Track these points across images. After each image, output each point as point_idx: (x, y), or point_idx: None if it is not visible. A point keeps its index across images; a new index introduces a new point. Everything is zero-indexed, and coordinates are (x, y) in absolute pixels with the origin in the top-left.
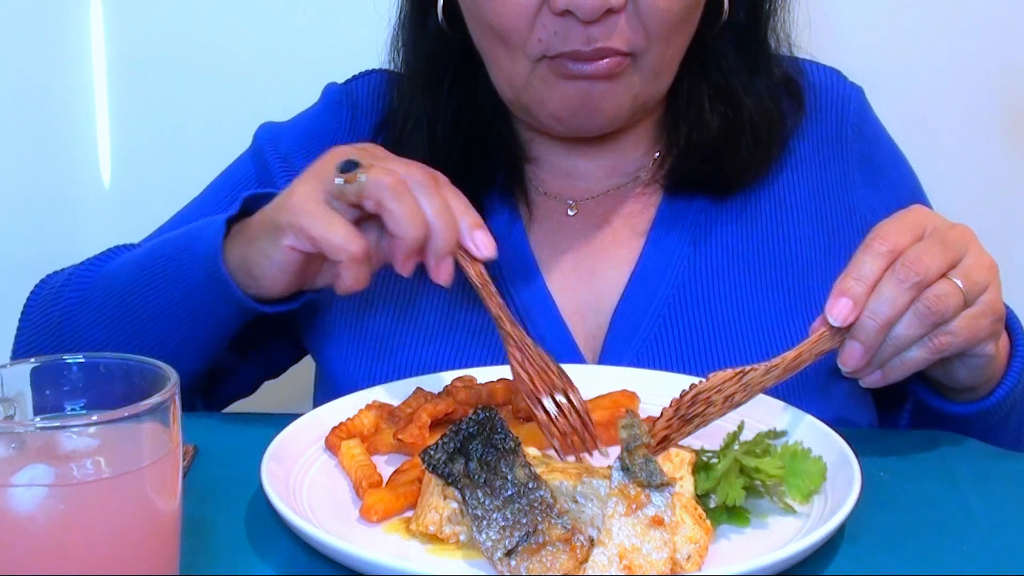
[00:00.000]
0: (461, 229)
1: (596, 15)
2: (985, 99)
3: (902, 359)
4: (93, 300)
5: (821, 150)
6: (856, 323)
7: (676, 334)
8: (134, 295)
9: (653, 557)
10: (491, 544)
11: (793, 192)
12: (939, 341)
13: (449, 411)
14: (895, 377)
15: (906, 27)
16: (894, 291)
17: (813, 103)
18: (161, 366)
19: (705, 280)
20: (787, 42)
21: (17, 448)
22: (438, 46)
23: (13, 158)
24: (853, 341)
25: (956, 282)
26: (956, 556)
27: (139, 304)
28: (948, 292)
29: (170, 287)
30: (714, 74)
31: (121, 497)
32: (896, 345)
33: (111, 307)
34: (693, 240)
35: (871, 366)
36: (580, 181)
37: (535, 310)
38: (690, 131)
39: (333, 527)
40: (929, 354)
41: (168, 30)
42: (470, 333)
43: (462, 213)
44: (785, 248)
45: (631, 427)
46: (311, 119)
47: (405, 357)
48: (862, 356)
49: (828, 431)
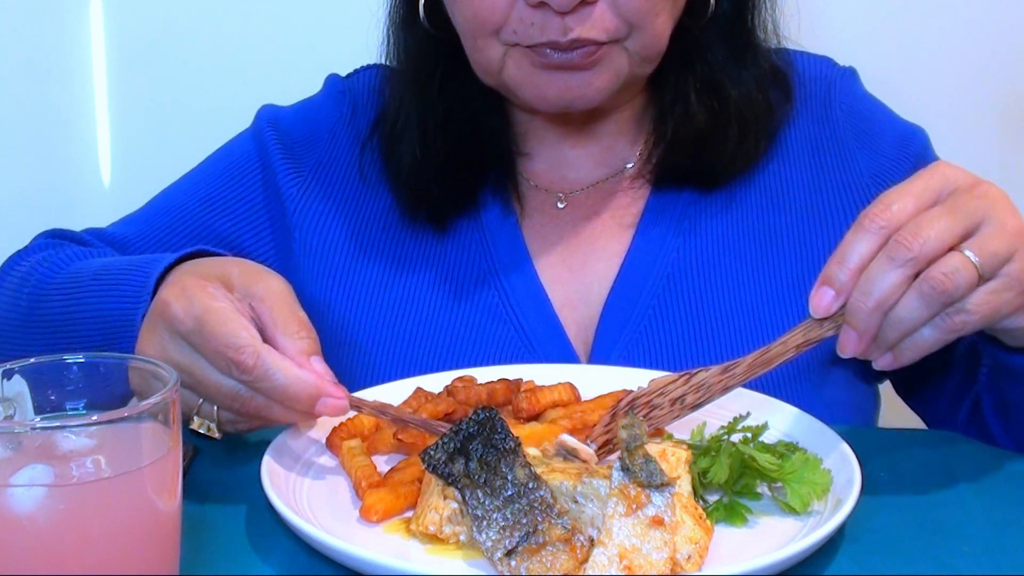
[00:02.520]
0: (300, 405)
1: (571, 6)
2: (981, 91)
3: (912, 341)
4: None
5: (812, 136)
6: (849, 306)
7: (666, 325)
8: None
9: (653, 557)
10: (491, 544)
11: (784, 181)
12: (953, 321)
13: (449, 411)
14: (908, 359)
15: (900, 18)
16: (884, 269)
17: (801, 94)
18: (161, 366)
19: (694, 271)
20: (776, 33)
21: (17, 448)
22: (427, 44)
23: (13, 157)
24: (847, 327)
25: (968, 255)
26: (956, 556)
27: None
28: (957, 267)
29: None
30: (700, 66)
31: (121, 497)
32: (900, 328)
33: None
34: (682, 231)
35: (878, 349)
36: (569, 172)
37: (527, 303)
38: (676, 124)
39: (333, 527)
40: (944, 335)
41: (168, 30)
42: (465, 332)
43: (289, 396)
44: (775, 238)
45: (631, 427)
46: (312, 107)
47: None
48: (857, 342)
49: (829, 431)
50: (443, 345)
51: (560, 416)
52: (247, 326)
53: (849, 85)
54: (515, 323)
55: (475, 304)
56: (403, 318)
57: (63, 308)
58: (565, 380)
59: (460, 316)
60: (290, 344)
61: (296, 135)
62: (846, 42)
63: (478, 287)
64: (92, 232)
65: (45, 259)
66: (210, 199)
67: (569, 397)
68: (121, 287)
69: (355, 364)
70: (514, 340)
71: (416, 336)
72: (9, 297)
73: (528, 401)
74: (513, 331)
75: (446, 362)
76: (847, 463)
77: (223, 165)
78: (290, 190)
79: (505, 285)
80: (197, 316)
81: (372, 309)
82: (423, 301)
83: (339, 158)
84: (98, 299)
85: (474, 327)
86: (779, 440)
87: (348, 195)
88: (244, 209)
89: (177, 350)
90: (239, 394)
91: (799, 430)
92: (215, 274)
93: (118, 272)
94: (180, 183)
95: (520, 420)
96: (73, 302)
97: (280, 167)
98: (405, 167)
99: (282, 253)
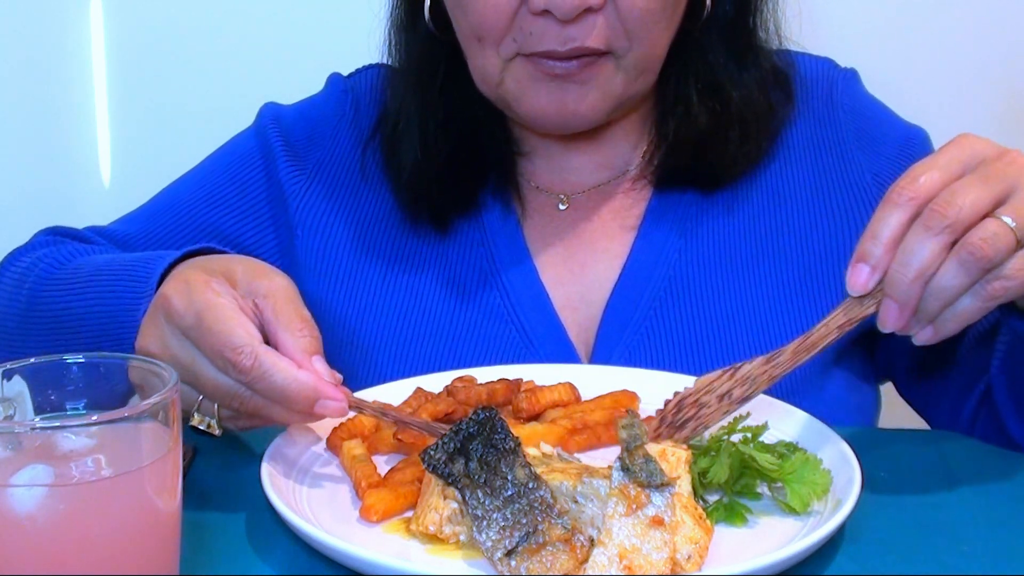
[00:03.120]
0: (298, 407)
1: (574, 14)
2: (982, 91)
3: (953, 311)
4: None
5: (814, 137)
6: (888, 278)
7: (667, 326)
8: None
9: (653, 557)
10: (491, 544)
11: (787, 182)
12: (993, 287)
13: (449, 411)
14: (948, 331)
15: (900, 18)
16: (922, 238)
17: (803, 95)
18: (161, 366)
19: (696, 272)
20: (778, 34)
21: (17, 448)
22: (428, 46)
23: (13, 157)
24: (888, 300)
25: (1005, 220)
26: (956, 556)
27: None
28: (995, 233)
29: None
30: (701, 68)
31: (121, 497)
32: (941, 298)
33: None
34: (683, 233)
35: (918, 323)
36: (571, 175)
37: (529, 304)
38: (678, 125)
39: (333, 527)
40: (984, 303)
41: (168, 30)
42: (466, 333)
43: (287, 397)
44: (777, 239)
45: (631, 427)
46: (315, 106)
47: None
48: (898, 315)
49: (829, 431)
50: (444, 346)
51: (560, 416)
52: (246, 324)
53: (851, 86)
54: (516, 324)
55: (477, 305)
56: (405, 318)
57: (64, 303)
58: (565, 380)
59: (461, 317)
60: (292, 342)
61: (298, 133)
62: (846, 41)
63: (479, 288)
64: (93, 229)
65: (46, 255)
66: (212, 196)
67: (569, 397)
68: (124, 282)
69: (356, 363)
70: (515, 341)
71: (417, 336)
72: (8, 293)
73: (528, 401)
74: (514, 332)
75: (447, 362)
76: (847, 463)
77: (226, 162)
78: (292, 188)
79: (506, 285)
80: (197, 312)
81: (373, 309)
82: (425, 302)
83: (341, 157)
84: (100, 294)
85: (475, 328)
86: (779, 440)
87: (350, 194)
88: (247, 206)
89: (177, 345)
90: (238, 393)
91: (799, 430)
92: (219, 270)
93: (121, 268)
94: (182, 180)
95: (520, 420)
96: (74, 296)
97: (282, 165)
98: (406, 168)
99: (284, 251)
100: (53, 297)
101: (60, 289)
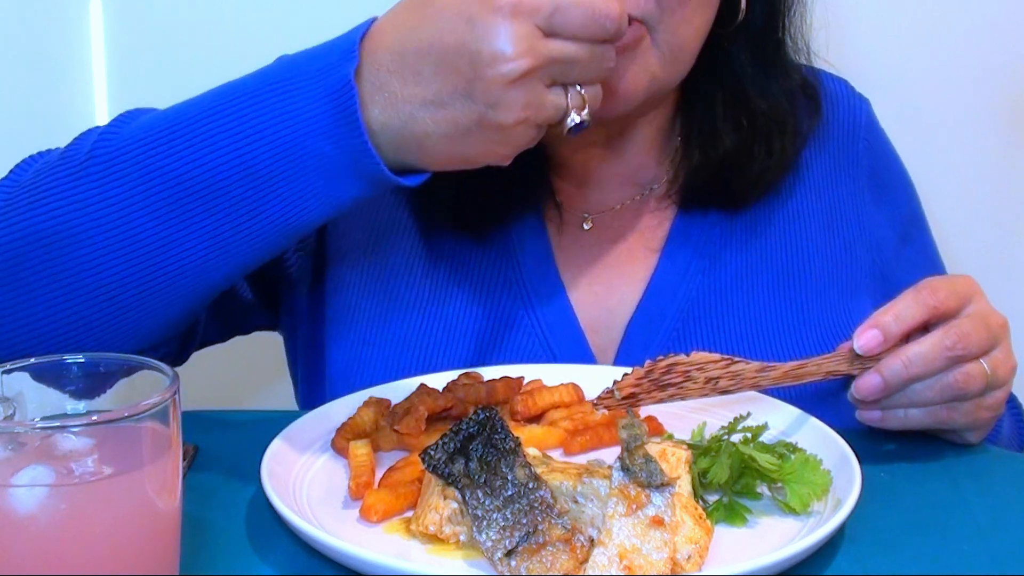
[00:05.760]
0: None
1: None
2: (987, 97)
3: (907, 413)
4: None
5: (833, 164)
6: (887, 361)
7: (687, 350)
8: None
9: (653, 557)
10: (491, 544)
11: (806, 205)
12: (945, 414)
13: (448, 406)
14: (891, 426)
15: (909, 27)
16: (936, 352)
17: (829, 110)
18: (161, 366)
19: (717, 295)
20: (806, 48)
21: (17, 448)
22: None
23: (13, 157)
24: (876, 374)
25: (985, 368)
26: (956, 556)
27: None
28: (977, 375)
29: (260, 145)
30: (728, 78)
31: (121, 497)
32: (911, 399)
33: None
34: (707, 255)
35: (878, 404)
36: (594, 192)
37: (557, 324)
38: (704, 141)
39: (333, 527)
40: (930, 421)
41: (168, 30)
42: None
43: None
44: (798, 262)
45: (631, 427)
46: None
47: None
48: (877, 391)
49: (829, 431)
50: (469, 360)
51: (561, 417)
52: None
53: (872, 120)
54: (542, 339)
55: (504, 321)
56: (430, 330)
57: (183, 156)
58: (570, 380)
59: (489, 333)
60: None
61: None
62: (846, 44)
63: (504, 295)
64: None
65: (96, 135)
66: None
67: (571, 398)
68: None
69: (377, 366)
70: (542, 357)
71: (442, 346)
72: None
73: (524, 404)
74: (538, 346)
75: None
76: (847, 463)
77: None
78: None
79: (536, 305)
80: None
81: (399, 304)
82: (451, 312)
83: None
84: (268, 105)
85: (499, 334)
86: (779, 440)
87: (379, 203)
88: None
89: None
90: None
91: (799, 430)
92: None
93: (273, 76)
94: None
95: (520, 420)
96: (209, 130)
97: None
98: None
99: (311, 254)
100: (166, 152)
101: (167, 141)
